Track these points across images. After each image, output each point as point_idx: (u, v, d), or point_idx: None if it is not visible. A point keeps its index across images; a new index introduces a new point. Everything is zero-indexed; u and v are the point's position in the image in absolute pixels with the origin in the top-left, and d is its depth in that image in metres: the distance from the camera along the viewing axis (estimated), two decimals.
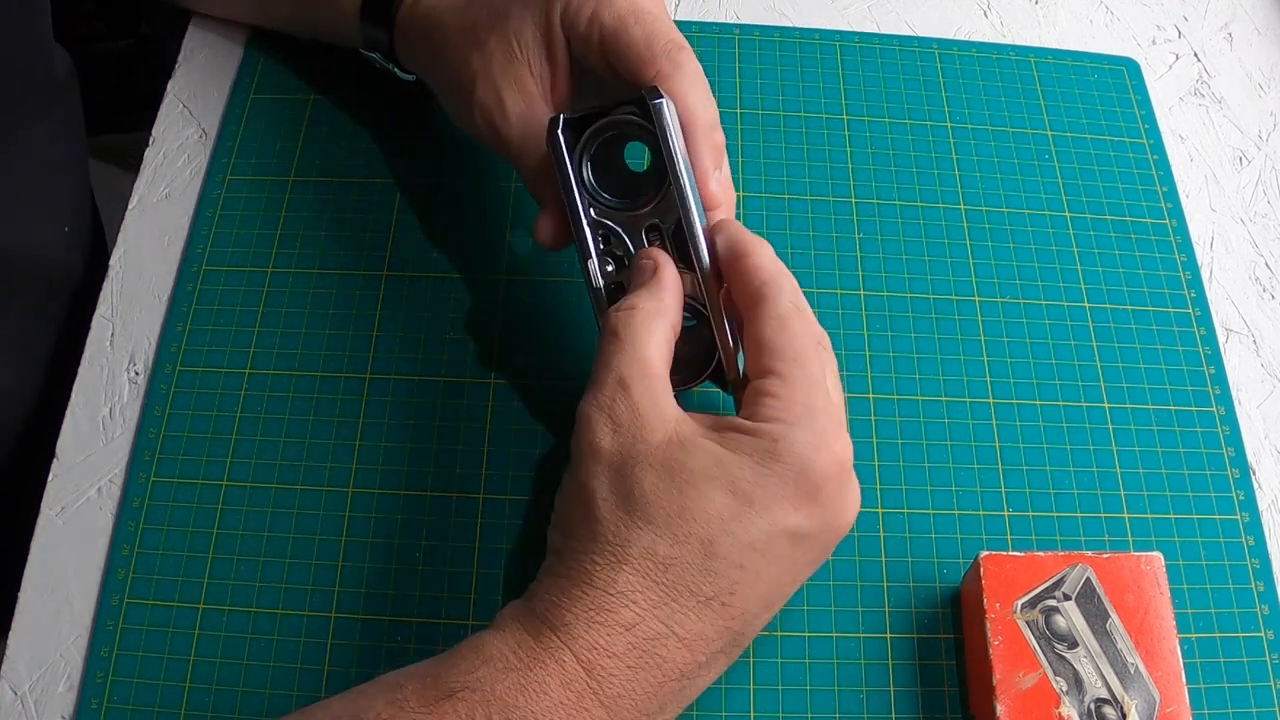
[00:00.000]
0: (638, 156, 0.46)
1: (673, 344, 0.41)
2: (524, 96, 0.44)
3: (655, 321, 0.40)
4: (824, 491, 0.37)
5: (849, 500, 0.39)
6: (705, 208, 0.42)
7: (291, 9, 0.56)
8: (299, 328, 0.51)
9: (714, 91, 0.44)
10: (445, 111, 0.50)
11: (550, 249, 0.45)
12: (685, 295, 0.42)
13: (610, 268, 0.43)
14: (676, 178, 0.41)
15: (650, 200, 0.42)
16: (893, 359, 0.51)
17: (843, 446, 0.38)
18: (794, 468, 0.37)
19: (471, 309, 0.52)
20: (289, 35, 0.58)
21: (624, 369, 0.38)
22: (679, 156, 0.41)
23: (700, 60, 0.43)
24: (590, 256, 0.43)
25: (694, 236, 0.41)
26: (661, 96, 0.40)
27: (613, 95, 0.43)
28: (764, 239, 0.41)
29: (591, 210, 0.43)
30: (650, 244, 0.42)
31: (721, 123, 0.43)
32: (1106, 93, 0.60)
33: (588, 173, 0.42)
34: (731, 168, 0.43)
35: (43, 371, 0.56)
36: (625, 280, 0.43)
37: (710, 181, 0.42)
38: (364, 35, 0.51)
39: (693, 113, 0.42)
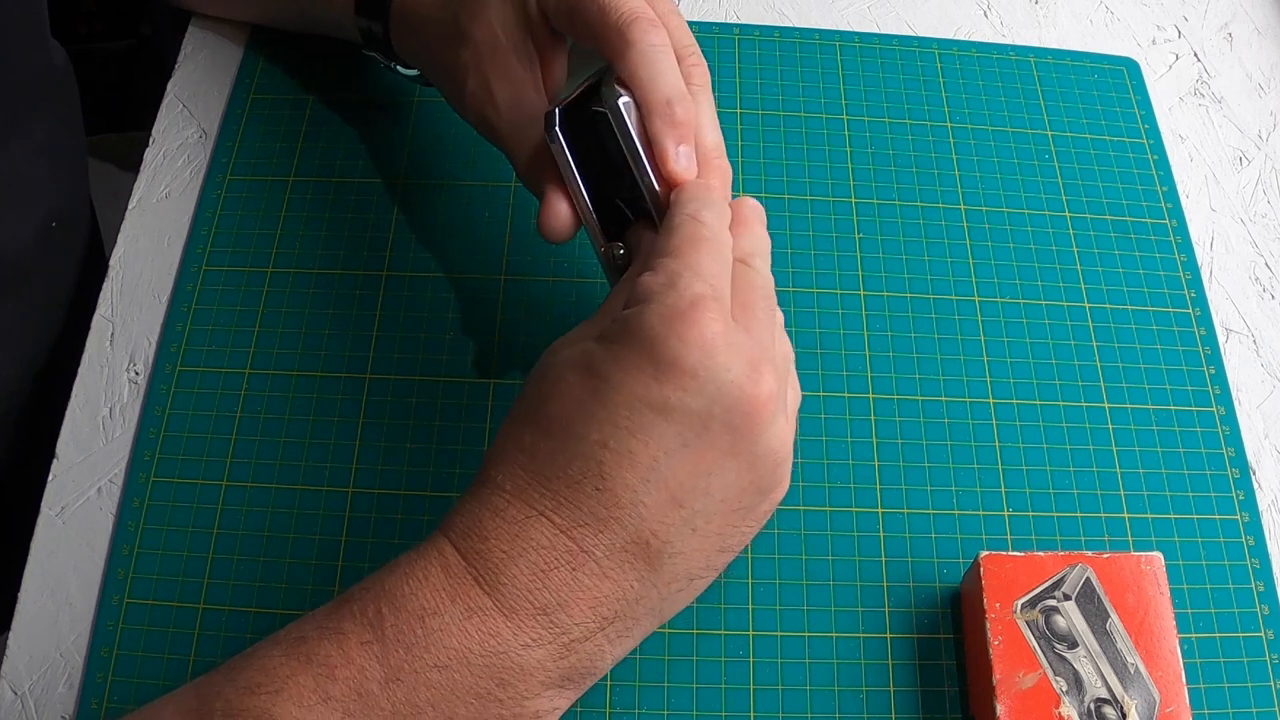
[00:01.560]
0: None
1: None
2: (512, 84, 0.44)
3: None
4: (685, 361, 0.34)
5: (733, 370, 0.35)
6: (672, 186, 0.41)
7: (290, 6, 0.56)
8: (299, 328, 0.51)
9: (714, 91, 0.43)
10: (448, 106, 0.49)
11: (556, 241, 0.43)
12: None
13: (621, 250, 0.42)
14: (642, 176, 0.40)
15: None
16: (893, 359, 0.51)
17: (703, 315, 0.35)
18: (641, 339, 0.35)
19: (471, 309, 0.52)
20: (289, 35, 0.58)
21: None
22: (642, 152, 0.40)
23: None
24: (603, 245, 0.42)
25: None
26: (618, 96, 0.39)
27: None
28: (717, 192, 0.40)
29: (598, 193, 0.42)
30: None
31: (721, 123, 0.42)
32: (1106, 93, 0.60)
33: (588, 158, 0.41)
34: (732, 168, 0.43)
35: (43, 371, 0.56)
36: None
37: (669, 160, 0.40)
38: (361, 28, 0.50)
39: (644, 90, 0.39)
